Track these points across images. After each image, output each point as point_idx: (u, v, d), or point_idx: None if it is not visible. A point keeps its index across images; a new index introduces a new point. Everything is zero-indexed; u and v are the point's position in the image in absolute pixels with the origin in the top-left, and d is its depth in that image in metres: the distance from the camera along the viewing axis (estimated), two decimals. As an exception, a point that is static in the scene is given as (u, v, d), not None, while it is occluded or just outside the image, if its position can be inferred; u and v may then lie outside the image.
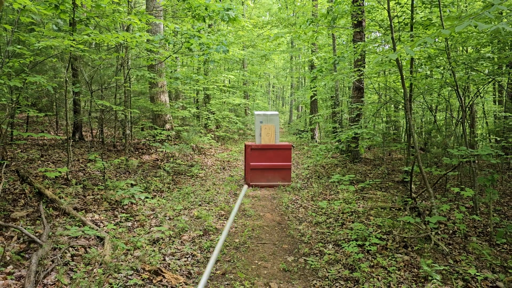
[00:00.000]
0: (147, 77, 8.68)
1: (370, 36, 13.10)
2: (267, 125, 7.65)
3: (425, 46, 5.98)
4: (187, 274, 3.42)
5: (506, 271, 3.50)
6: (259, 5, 22.86)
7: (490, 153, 4.33)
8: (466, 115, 6.59)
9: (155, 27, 9.43)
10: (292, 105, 30.65)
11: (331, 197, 6.41)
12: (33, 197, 4.75)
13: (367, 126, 8.40)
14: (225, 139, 15.05)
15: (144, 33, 5.72)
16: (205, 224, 4.80)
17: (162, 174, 7.26)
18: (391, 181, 7.44)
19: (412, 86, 6.26)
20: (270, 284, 3.31)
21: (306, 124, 19.68)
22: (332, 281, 3.32)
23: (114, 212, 4.95)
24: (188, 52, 7.43)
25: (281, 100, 42.48)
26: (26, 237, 3.64)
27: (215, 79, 14.04)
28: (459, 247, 4.07)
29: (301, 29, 6.92)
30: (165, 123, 10.08)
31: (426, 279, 3.30)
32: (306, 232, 4.65)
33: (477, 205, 5.04)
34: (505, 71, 7.44)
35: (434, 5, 6.37)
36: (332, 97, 13.95)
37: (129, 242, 3.97)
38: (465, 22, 2.69)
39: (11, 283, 2.90)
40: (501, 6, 2.67)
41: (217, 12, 6.24)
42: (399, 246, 4.02)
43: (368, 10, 8.51)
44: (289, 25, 16.12)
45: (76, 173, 6.29)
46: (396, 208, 5.50)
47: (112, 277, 3.17)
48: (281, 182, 7.46)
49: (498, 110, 10.80)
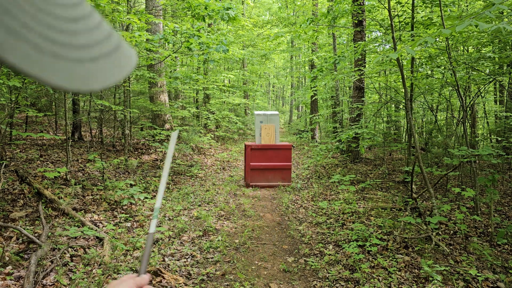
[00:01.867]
0: (147, 77, 8.66)
1: (370, 36, 13.08)
2: (267, 125, 7.63)
3: (426, 46, 5.95)
4: (187, 275, 3.40)
5: (507, 271, 3.49)
6: (259, 4, 22.84)
7: (491, 153, 4.31)
8: (467, 115, 6.57)
9: (154, 26, 9.41)
10: (292, 105, 30.62)
11: (331, 198, 6.39)
12: (32, 197, 4.73)
13: (367, 126, 8.37)
14: (225, 139, 15.03)
15: (144, 32, 5.70)
16: (205, 224, 4.78)
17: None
18: (391, 181, 7.42)
19: (413, 86, 6.24)
20: (270, 284, 3.29)
21: (306, 124, 19.66)
22: (333, 282, 3.30)
23: (113, 213, 4.93)
24: (188, 52, 7.41)
25: (281, 100, 42.46)
26: (25, 238, 3.63)
27: (215, 78, 14.02)
28: (460, 247, 4.05)
29: (301, 29, 6.90)
30: (164, 123, 10.06)
31: (427, 279, 3.28)
32: (306, 232, 4.63)
33: (478, 205, 5.03)
34: (506, 70, 7.42)
35: (434, 5, 6.35)
36: (333, 97, 13.93)
37: (128, 243, 3.95)
38: (466, 21, 2.67)
39: (10, 283, 2.88)
40: (501, 6, 2.65)
41: (216, 12, 6.22)
42: (399, 247, 4.00)
43: (369, 9, 8.49)
44: (289, 24, 16.11)
45: (75, 173, 6.28)
46: (397, 208, 5.49)
47: (112, 278, 3.15)
48: (281, 182, 7.44)
49: (499, 110, 10.78)
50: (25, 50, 0.28)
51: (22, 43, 0.28)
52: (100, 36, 0.36)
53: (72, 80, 0.31)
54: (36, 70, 0.29)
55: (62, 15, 0.32)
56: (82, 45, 0.33)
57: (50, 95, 9.18)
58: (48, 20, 0.30)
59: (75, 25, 0.33)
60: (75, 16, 0.34)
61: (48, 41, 0.30)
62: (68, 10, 0.33)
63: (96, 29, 0.36)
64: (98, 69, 0.34)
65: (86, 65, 0.33)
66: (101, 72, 0.34)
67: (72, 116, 8.87)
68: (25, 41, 0.28)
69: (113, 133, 9.35)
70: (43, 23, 0.30)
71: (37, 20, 0.30)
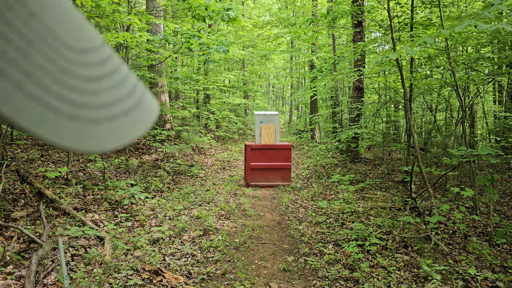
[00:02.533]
0: (147, 77, 8.68)
1: (370, 36, 13.10)
2: (267, 125, 7.65)
3: (425, 46, 5.98)
4: (187, 274, 3.42)
5: (506, 271, 3.50)
6: (259, 5, 22.87)
7: (490, 153, 4.33)
8: (466, 115, 6.59)
9: (155, 27, 9.43)
10: (292, 105, 30.64)
11: (331, 197, 6.41)
12: (33, 197, 4.75)
13: (367, 126, 8.40)
14: (225, 139, 15.05)
15: (144, 33, 5.72)
16: (205, 224, 4.80)
17: (162, 174, 7.26)
18: (391, 181, 7.44)
19: (412, 86, 6.26)
20: (270, 284, 3.31)
21: (306, 124, 19.67)
22: (332, 281, 3.32)
23: (114, 212, 4.95)
24: (188, 52, 7.43)
25: (281, 100, 42.48)
26: (26, 237, 3.65)
27: (215, 79, 14.04)
28: (459, 247, 4.07)
29: (301, 29, 6.92)
30: (165, 123, 10.08)
31: (426, 279, 3.30)
32: (306, 232, 4.65)
33: (477, 205, 5.05)
34: (505, 71, 7.44)
35: (434, 5, 6.38)
36: (332, 97, 13.95)
37: (129, 242, 3.97)
38: (465, 22, 2.69)
39: (11, 283, 2.90)
40: (501, 6, 2.67)
41: (217, 12, 6.24)
42: (399, 246, 4.02)
43: (368, 10, 8.51)
44: (289, 25, 16.12)
45: (76, 173, 6.29)
46: (396, 208, 5.51)
47: (112, 277, 3.17)
48: (281, 182, 7.46)
49: (498, 110, 10.80)
50: (41, 114, 0.26)
51: (39, 106, 0.26)
52: (123, 92, 0.32)
53: (85, 142, 0.28)
54: (48, 133, 0.26)
55: (86, 75, 0.29)
56: (103, 104, 0.30)
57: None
58: (71, 82, 0.28)
59: (99, 84, 0.30)
60: (100, 74, 0.31)
61: (67, 103, 0.27)
62: (94, 69, 0.30)
63: (120, 85, 0.32)
64: (115, 128, 0.30)
65: (102, 125, 0.30)
66: (117, 131, 0.31)
67: (72, 116, 8.88)
68: (43, 104, 0.26)
69: (113, 133, 9.36)
70: (66, 85, 0.28)
71: (59, 82, 0.27)
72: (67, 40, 0.29)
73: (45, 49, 0.27)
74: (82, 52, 0.30)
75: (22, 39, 0.26)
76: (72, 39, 0.29)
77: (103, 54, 0.32)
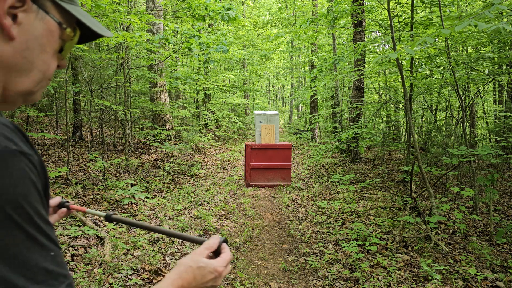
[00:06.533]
0: (147, 77, 8.68)
1: (370, 36, 13.10)
2: (267, 125, 7.65)
3: (425, 46, 5.97)
4: (187, 274, 3.42)
5: (506, 270, 3.50)
6: (259, 5, 22.86)
7: (490, 153, 4.33)
8: (466, 115, 6.59)
9: (155, 26, 9.43)
10: (292, 105, 30.63)
11: (331, 197, 6.41)
12: (33, 197, 4.74)
13: (367, 125, 8.39)
14: (225, 139, 15.05)
15: (144, 32, 5.71)
16: (205, 223, 4.80)
17: (162, 174, 7.26)
18: (391, 180, 7.44)
19: (412, 86, 6.26)
20: (270, 284, 3.31)
21: (306, 124, 19.68)
22: (332, 281, 3.32)
23: (114, 212, 4.94)
24: (188, 52, 7.43)
25: (281, 100, 42.48)
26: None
27: (215, 79, 14.04)
28: (459, 246, 4.07)
29: (301, 29, 6.92)
30: (165, 123, 10.08)
31: (426, 278, 3.30)
32: (306, 231, 4.65)
33: (477, 204, 5.05)
34: (505, 70, 7.44)
35: (434, 5, 6.37)
36: (332, 97, 13.95)
37: (129, 242, 3.97)
38: (465, 21, 2.69)
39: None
40: (501, 6, 2.67)
41: (217, 12, 6.24)
42: (399, 246, 4.02)
43: (368, 9, 8.51)
44: (289, 24, 16.13)
45: (76, 173, 6.30)
46: (396, 208, 5.51)
47: (112, 277, 3.17)
48: (281, 182, 7.46)
49: (498, 109, 10.80)
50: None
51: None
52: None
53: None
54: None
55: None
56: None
57: (51, 95, 9.19)
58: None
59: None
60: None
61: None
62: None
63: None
64: None
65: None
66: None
67: (73, 116, 8.89)
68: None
69: (113, 133, 9.36)
70: None
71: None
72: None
73: None
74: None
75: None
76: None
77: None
